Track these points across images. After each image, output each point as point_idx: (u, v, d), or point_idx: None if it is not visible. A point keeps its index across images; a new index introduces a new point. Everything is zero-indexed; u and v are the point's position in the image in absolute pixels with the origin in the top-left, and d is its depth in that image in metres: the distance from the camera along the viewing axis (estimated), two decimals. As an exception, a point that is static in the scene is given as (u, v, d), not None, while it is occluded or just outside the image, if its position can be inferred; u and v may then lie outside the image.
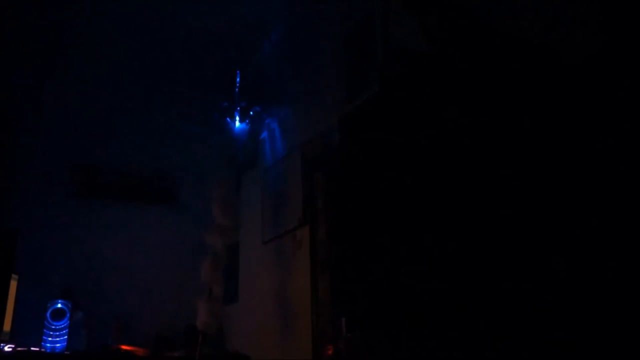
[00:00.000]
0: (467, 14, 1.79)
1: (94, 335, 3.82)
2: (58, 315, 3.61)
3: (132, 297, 4.19)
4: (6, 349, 3.34)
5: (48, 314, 3.60)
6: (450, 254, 1.52)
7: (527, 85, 1.54)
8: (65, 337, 3.59)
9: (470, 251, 1.49)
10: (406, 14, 2.29)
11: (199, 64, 4.29)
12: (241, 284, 4.20)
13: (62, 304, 3.64)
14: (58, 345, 3.56)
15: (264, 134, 4.16)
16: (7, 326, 3.42)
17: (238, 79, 3.85)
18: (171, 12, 3.77)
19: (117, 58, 4.31)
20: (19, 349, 3.41)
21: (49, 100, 4.33)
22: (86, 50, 4.20)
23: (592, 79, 1.46)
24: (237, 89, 3.83)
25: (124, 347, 3.69)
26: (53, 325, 3.58)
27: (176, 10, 3.75)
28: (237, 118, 3.82)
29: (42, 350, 3.53)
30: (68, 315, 3.63)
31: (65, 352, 3.56)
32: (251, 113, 3.87)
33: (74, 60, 4.31)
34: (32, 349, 3.50)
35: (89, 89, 4.47)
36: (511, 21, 1.74)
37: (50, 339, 3.56)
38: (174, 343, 4.02)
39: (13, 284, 3.50)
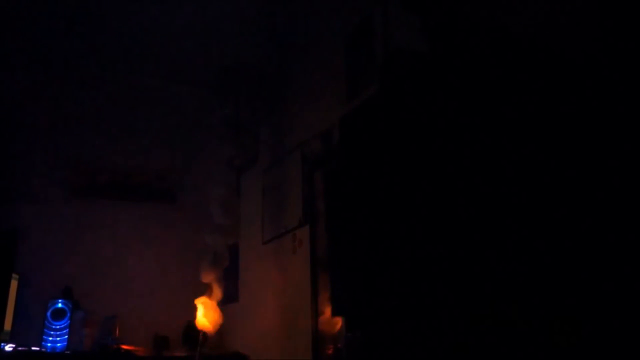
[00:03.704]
0: (467, 14, 1.79)
1: (94, 335, 3.82)
2: (58, 314, 3.61)
3: (132, 297, 4.19)
4: (7, 348, 3.34)
5: (48, 314, 3.60)
6: (450, 253, 1.52)
7: (527, 85, 1.54)
8: (66, 336, 3.59)
9: (470, 251, 1.49)
10: (406, 14, 2.30)
11: (199, 64, 4.29)
12: (241, 284, 4.20)
13: (62, 303, 3.64)
14: (58, 344, 3.56)
15: (264, 134, 4.17)
16: (7, 326, 3.42)
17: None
18: (171, 11, 3.77)
19: (118, 58, 4.32)
20: (20, 348, 3.41)
21: (49, 100, 4.34)
22: (86, 50, 4.20)
23: (592, 78, 1.47)
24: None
25: (124, 347, 3.69)
26: (53, 325, 3.58)
27: (176, 9, 3.75)
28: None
29: (43, 349, 3.53)
30: (68, 315, 3.63)
31: (66, 352, 3.56)
32: (251, 113, 3.87)
33: (74, 60, 4.31)
34: (33, 348, 3.50)
35: (89, 88, 4.47)
36: (511, 21, 1.74)
37: (50, 338, 3.56)
38: (174, 343, 4.02)
39: (13, 284, 3.50)
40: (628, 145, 1.35)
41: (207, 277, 3.64)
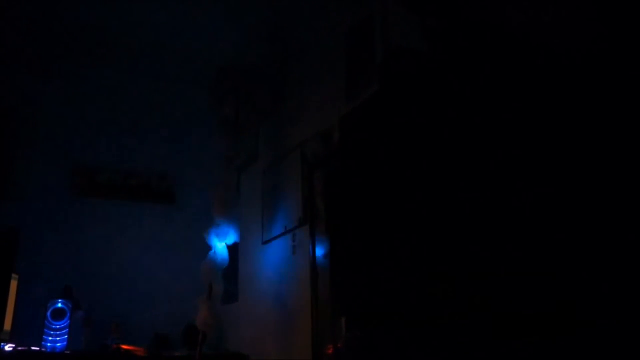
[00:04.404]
0: (467, 14, 1.79)
1: (94, 335, 3.82)
2: (58, 314, 3.61)
3: (132, 297, 4.19)
4: (7, 348, 3.34)
5: (48, 314, 3.60)
6: (450, 254, 1.52)
7: (526, 85, 1.54)
8: (66, 336, 3.59)
9: (470, 251, 1.49)
10: (406, 14, 2.30)
11: (199, 63, 4.30)
12: (241, 284, 4.20)
13: (62, 303, 3.65)
14: (58, 344, 3.57)
15: (264, 134, 4.17)
16: (7, 326, 3.42)
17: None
18: (171, 11, 3.77)
19: (117, 58, 4.32)
20: (20, 348, 3.41)
21: (49, 100, 4.34)
22: (87, 51, 4.20)
23: (592, 79, 1.47)
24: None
25: (124, 346, 3.69)
26: (53, 325, 3.58)
27: (176, 9, 3.75)
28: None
29: (43, 349, 3.53)
30: (68, 314, 3.63)
31: (66, 352, 3.56)
32: (251, 113, 3.87)
33: (74, 61, 4.31)
34: (33, 348, 3.50)
35: (89, 89, 4.47)
36: (511, 21, 1.74)
37: (50, 338, 3.56)
38: (174, 343, 4.02)
39: (13, 284, 3.50)
40: (628, 145, 1.35)
41: (207, 277, 3.64)
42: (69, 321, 3.62)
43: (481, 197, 1.51)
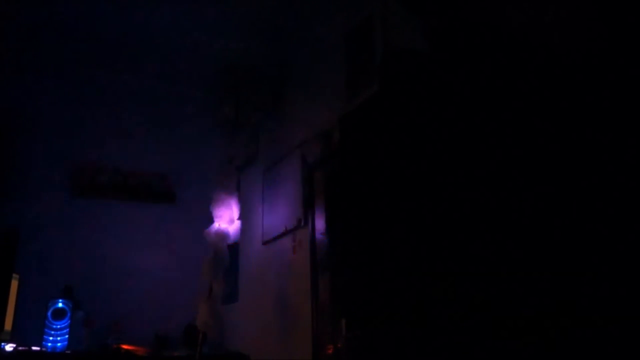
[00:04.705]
0: (467, 14, 1.79)
1: (94, 335, 3.82)
2: (59, 314, 3.62)
3: (132, 297, 4.19)
4: (7, 348, 3.34)
5: (49, 314, 3.60)
6: (450, 254, 1.52)
7: (526, 85, 1.54)
8: (66, 336, 3.59)
9: (470, 251, 1.49)
10: (406, 14, 2.30)
11: (199, 63, 4.30)
12: (241, 284, 4.21)
13: (62, 303, 3.65)
14: (59, 344, 3.57)
15: (264, 134, 4.17)
16: (8, 325, 3.42)
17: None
18: (170, 12, 3.77)
19: (117, 58, 4.32)
20: (20, 348, 3.41)
21: (49, 100, 4.34)
22: (87, 51, 4.20)
23: (592, 78, 1.47)
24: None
25: (124, 346, 3.69)
26: (54, 325, 3.59)
27: (176, 10, 3.75)
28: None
29: (43, 349, 3.53)
30: (69, 314, 3.63)
31: (66, 352, 3.57)
32: (251, 113, 3.87)
33: (74, 61, 4.31)
34: (33, 348, 3.50)
35: (89, 89, 4.47)
36: (511, 21, 1.74)
37: (51, 338, 3.56)
38: (174, 343, 4.02)
39: (14, 284, 3.50)
40: (628, 144, 1.35)
41: (207, 277, 3.64)
42: (69, 321, 3.62)
43: (481, 197, 1.51)
